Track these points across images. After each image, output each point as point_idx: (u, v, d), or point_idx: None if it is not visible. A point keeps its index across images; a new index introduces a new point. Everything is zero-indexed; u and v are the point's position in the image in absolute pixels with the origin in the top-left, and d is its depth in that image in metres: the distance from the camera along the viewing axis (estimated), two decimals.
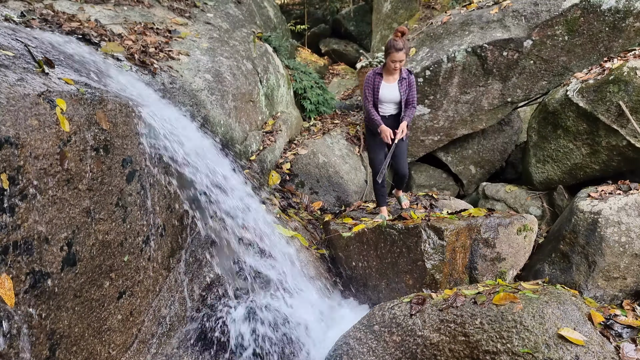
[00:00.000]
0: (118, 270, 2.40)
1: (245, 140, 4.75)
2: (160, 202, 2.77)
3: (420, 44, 5.95)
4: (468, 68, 5.48)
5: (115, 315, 2.41)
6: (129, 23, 4.42)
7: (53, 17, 3.70)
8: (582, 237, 3.67)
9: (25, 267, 1.85)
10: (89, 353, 2.25)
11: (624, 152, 4.44)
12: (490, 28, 5.46)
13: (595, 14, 5.05)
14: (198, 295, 3.09)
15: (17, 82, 1.95)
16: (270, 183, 4.91)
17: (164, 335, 2.80)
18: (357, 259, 3.84)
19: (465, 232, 3.48)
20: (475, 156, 6.23)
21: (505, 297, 2.40)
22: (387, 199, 4.46)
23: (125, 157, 2.44)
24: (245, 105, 4.83)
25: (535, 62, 5.36)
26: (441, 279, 3.42)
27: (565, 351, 2.12)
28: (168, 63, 4.08)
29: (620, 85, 4.34)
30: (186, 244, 3.10)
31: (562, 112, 4.79)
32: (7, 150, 1.75)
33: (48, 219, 1.95)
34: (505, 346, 2.23)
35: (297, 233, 3.97)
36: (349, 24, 12.04)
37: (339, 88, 9.66)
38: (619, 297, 3.56)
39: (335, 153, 5.52)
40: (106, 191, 2.29)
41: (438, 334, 2.46)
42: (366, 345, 2.67)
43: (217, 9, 5.74)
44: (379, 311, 2.77)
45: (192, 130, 3.58)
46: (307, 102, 6.56)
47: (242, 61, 4.96)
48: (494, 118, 5.77)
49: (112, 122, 2.34)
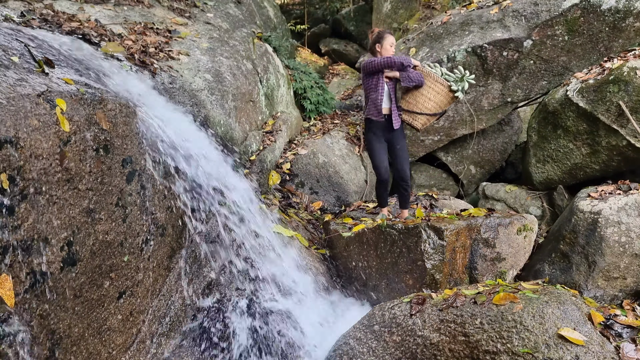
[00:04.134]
0: (118, 270, 2.40)
1: (245, 140, 4.75)
2: (160, 202, 2.77)
3: (420, 44, 5.95)
4: (468, 68, 5.48)
5: (115, 315, 2.41)
6: (129, 23, 4.42)
7: (53, 17, 3.70)
8: (582, 237, 3.67)
9: (25, 267, 1.85)
10: (89, 353, 2.25)
11: (624, 152, 4.44)
12: (490, 28, 5.46)
13: (595, 14, 5.05)
14: (198, 295, 3.09)
15: (17, 82, 1.95)
16: (270, 183, 4.91)
17: (164, 335, 2.80)
18: (357, 259, 3.84)
19: (465, 232, 3.48)
20: (475, 156, 6.23)
21: (505, 297, 2.40)
22: (388, 199, 4.46)
23: (125, 157, 2.44)
24: (245, 105, 4.83)
25: (535, 62, 5.36)
26: (441, 279, 3.42)
27: (565, 351, 2.12)
28: (168, 63, 4.08)
29: (620, 85, 4.34)
30: (186, 244, 3.10)
31: (562, 112, 4.79)
32: (7, 150, 1.75)
33: (48, 219, 1.95)
34: (505, 346, 2.23)
35: (297, 233, 3.98)
36: (349, 24, 12.04)
37: (339, 88, 9.66)
38: (619, 297, 3.56)
39: (335, 153, 5.52)
40: (106, 191, 2.29)
41: (438, 334, 2.46)
42: (366, 345, 2.67)
43: (217, 9, 5.74)
44: (379, 311, 2.77)
45: (191, 129, 3.58)
46: (307, 102, 6.56)
47: (242, 61, 4.96)
48: (494, 118, 5.77)
49: (112, 122, 2.34)
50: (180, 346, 2.84)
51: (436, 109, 3.94)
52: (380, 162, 4.13)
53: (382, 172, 4.12)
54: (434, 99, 3.94)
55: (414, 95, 3.99)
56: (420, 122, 4.08)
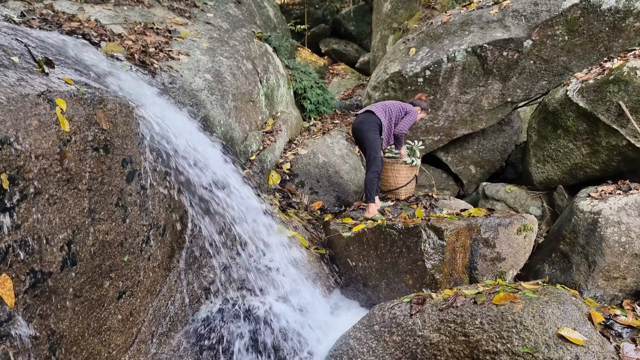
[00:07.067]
0: (118, 270, 2.39)
1: (245, 140, 4.75)
2: (161, 202, 2.77)
3: (420, 43, 5.95)
4: (468, 68, 5.49)
5: (115, 315, 2.41)
6: (129, 23, 4.42)
7: (53, 17, 3.70)
8: (582, 237, 3.67)
9: (25, 267, 1.85)
10: (89, 353, 2.25)
11: (624, 152, 4.44)
12: (490, 28, 5.46)
13: (595, 13, 5.05)
14: (198, 295, 3.09)
15: (17, 82, 1.95)
16: (270, 183, 4.91)
17: (164, 335, 2.80)
18: (357, 259, 3.84)
19: (465, 232, 3.48)
20: (475, 156, 6.23)
21: (505, 297, 2.40)
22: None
23: (125, 157, 2.44)
24: (245, 105, 4.83)
25: (535, 62, 5.36)
26: (441, 279, 3.42)
27: (565, 351, 2.12)
28: (168, 63, 4.08)
29: (620, 85, 4.34)
30: (186, 244, 3.10)
31: (562, 112, 4.79)
32: (7, 150, 1.75)
33: (48, 219, 1.95)
34: (505, 346, 2.23)
35: (297, 233, 3.98)
36: (349, 24, 12.04)
37: (339, 88, 9.66)
38: (619, 297, 3.56)
39: (335, 153, 5.52)
40: (106, 191, 2.29)
41: (438, 333, 2.46)
42: (366, 345, 2.67)
43: (217, 9, 5.74)
44: (379, 311, 2.77)
45: (191, 129, 3.58)
46: (307, 102, 6.56)
47: (242, 61, 4.96)
48: (494, 118, 5.77)
49: (112, 122, 2.34)
50: (180, 346, 2.84)
51: (406, 179, 4.95)
52: (380, 160, 4.50)
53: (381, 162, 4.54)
54: (400, 175, 4.97)
55: (387, 178, 4.98)
56: (402, 193, 4.96)
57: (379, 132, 4.52)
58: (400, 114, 4.62)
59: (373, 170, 4.41)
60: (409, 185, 4.98)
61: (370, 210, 4.38)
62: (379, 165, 4.44)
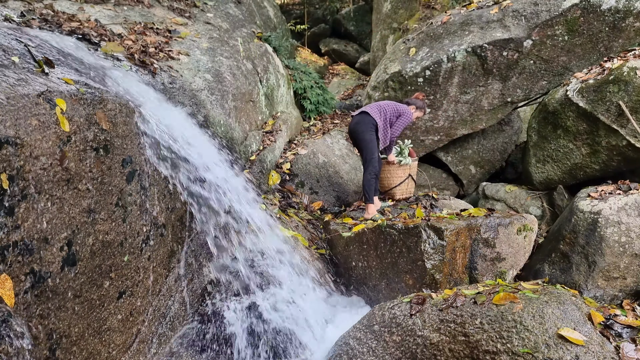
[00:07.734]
0: (118, 270, 2.39)
1: (245, 140, 4.75)
2: (161, 202, 2.77)
3: (420, 43, 5.94)
4: (468, 68, 5.49)
5: (115, 315, 2.41)
6: (129, 23, 4.42)
7: (53, 17, 3.70)
8: (582, 237, 3.67)
9: (25, 267, 1.85)
10: (89, 353, 2.25)
11: (624, 152, 4.44)
12: (490, 28, 5.46)
13: (595, 13, 5.05)
14: (198, 295, 3.09)
15: (17, 82, 1.95)
16: (270, 183, 4.91)
17: (164, 335, 2.80)
18: (357, 258, 3.84)
19: (465, 232, 3.48)
20: (475, 156, 6.23)
21: (505, 297, 2.40)
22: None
23: (125, 157, 2.44)
24: (245, 105, 4.83)
25: (535, 62, 5.36)
26: (441, 279, 3.42)
27: (565, 351, 2.12)
28: (168, 63, 4.08)
29: (620, 85, 4.34)
30: (186, 244, 3.10)
31: (562, 112, 4.79)
32: (7, 150, 1.75)
33: (48, 219, 1.95)
34: (505, 346, 2.23)
35: (297, 233, 3.98)
36: (349, 24, 12.03)
37: (339, 88, 9.66)
38: (619, 297, 3.56)
39: (335, 153, 5.52)
40: (106, 191, 2.29)
41: (438, 333, 2.46)
42: (366, 345, 2.67)
43: (217, 9, 5.74)
44: (379, 311, 2.77)
45: (191, 129, 3.58)
46: (307, 102, 6.56)
47: (242, 61, 4.96)
48: (494, 118, 5.77)
49: (112, 122, 2.34)
50: (180, 346, 2.84)
51: (399, 179, 4.99)
52: (377, 159, 4.52)
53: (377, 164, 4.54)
54: (394, 175, 5.02)
55: (381, 179, 4.96)
56: (398, 193, 4.98)
57: (375, 132, 4.52)
58: (394, 114, 4.62)
59: (370, 171, 4.41)
60: (404, 185, 4.99)
61: (369, 211, 4.38)
62: (376, 166, 4.44)
